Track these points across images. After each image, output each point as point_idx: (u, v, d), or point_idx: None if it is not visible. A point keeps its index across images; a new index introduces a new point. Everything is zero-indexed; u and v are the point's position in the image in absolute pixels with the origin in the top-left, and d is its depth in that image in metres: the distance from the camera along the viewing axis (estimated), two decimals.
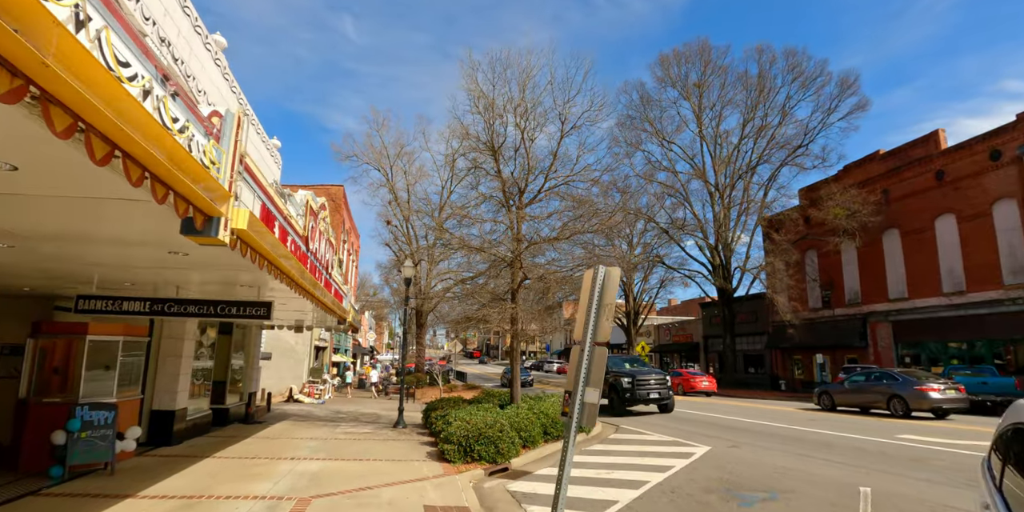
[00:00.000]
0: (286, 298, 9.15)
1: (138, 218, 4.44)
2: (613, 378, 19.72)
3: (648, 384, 19.64)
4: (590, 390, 4.17)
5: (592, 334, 4.27)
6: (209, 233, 3.87)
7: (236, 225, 4.24)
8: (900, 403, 18.55)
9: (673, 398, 20.54)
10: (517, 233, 15.39)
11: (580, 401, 4.23)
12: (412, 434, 14.40)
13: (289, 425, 15.89)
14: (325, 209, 9.52)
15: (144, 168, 2.94)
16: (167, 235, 4.61)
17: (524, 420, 11.92)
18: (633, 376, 19.67)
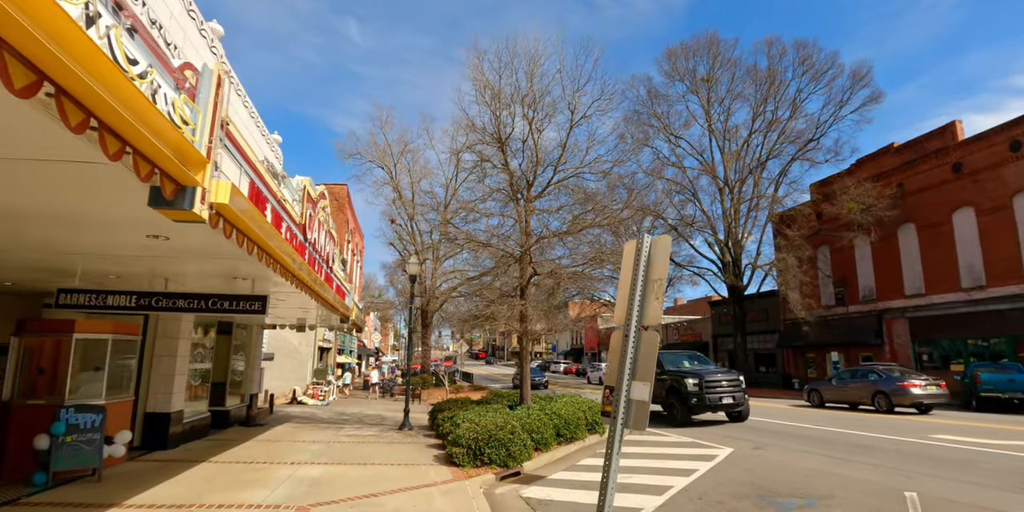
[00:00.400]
0: (284, 293, 8.62)
1: (102, 190, 3.85)
2: (672, 379, 16.25)
3: (719, 386, 15.75)
4: (638, 385, 3.46)
5: (638, 316, 3.60)
6: (182, 205, 3.31)
7: (216, 199, 3.69)
8: (884, 399, 19.33)
9: (748, 404, 16.64)
10: (526, 227, 14.82)
11: (626, 398, 3.55)
12: (418, 436, 13.83)
13: (291, 427, 15.35)
14: (325, 198, 8.98)
15: (90, 113, 2.38)
16: (138, 212, 4.01)
17: (536, 421, 11.34)
18: (700, 376, 15.82)
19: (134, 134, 2.66)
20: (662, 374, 16.29)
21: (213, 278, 7.51)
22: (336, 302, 10.45)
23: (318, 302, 9.59)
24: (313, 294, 8.59)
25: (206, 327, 13.40)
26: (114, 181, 3.51)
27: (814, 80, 32.76)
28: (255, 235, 4.80)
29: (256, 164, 4.84)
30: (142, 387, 10.96)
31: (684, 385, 15.82)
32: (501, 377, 56.23)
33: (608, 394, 3.75)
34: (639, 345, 3.66)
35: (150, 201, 3.28)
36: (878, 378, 19.97)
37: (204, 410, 13.30)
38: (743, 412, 16.32)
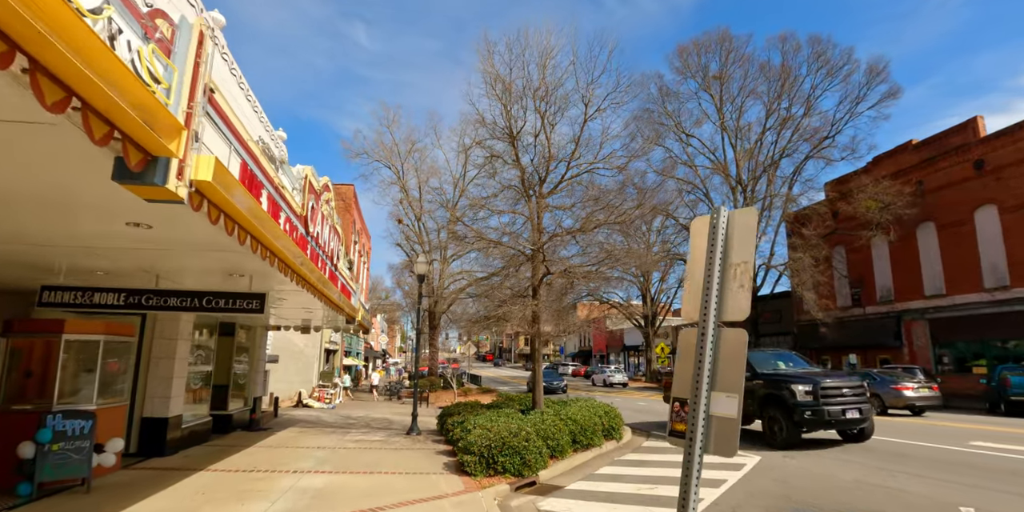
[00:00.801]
0: (284, 291, 8.10)
1: (57, 160, 3.26)
2: (768, 386, 12.75)
3: (840, 395, 12.08)
4: (720, 397, 2.74)
5: (716, 309, 2.96)
6: (152, 179, 2.78)
7: (197, 176, 3.15)
8: (877, 401, 19.29)
9: (873, 419, 12.94)
10: (538, 224, 14.26)
11: (705, 413, 2.83)
12: (427, 442, 13.28)
13: (296, 432, 14.83)
14: (329, 191, 8.44)
15: (14, 45, 1.84)
16: (107, 192, 3.42)
17: (551, 427, 10.76)
18: (813, 381, 12.13)
19: (82, 81, 2.13)
20: (753, 379, 13.04)
21: (208, 275, 7.00)
22: (341, 302, 9.92)
23: (322, 302, 9.07)
24: (316, 293, 8.06)
25: (207, 328, 12.92)
26: (69, 149, 2.96)
27: (829, 76, 32.08)
28: (248, 223, 4.27)
29: (249, 143, 4.31)
30: (138, 391, 10.47)
31: (791, 393, 12.08)
32: (509, 380, 55.65)
33: (678, 408, 3.02)
34: (719, 346, 2.96)
35: (114, 174, 2.75)
36: (872, 381, 20.00)
37: (205, 414, 12.80)
38: (867, 429, 12.60)
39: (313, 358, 28.20)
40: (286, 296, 8.53)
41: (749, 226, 2.94)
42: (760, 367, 13.61)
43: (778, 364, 14.25)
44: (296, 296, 9.35)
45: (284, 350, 26.76)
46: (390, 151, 34.77)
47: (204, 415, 12.69)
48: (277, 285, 7.49)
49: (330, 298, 8.93)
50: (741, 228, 2.93)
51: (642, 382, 49.85)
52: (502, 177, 15.26)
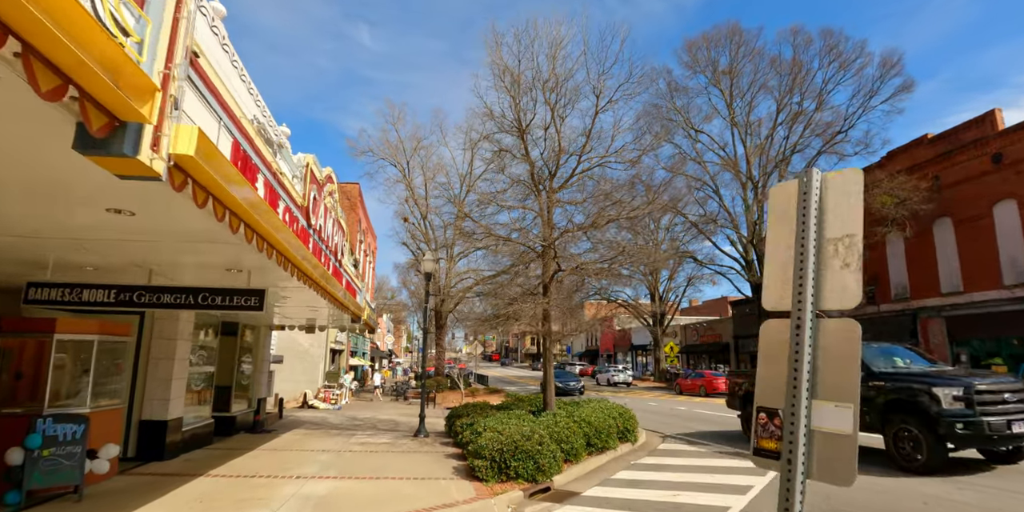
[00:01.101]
0: (287, 288, 7.70)
1: (6, 123, 2.78)
2: (896, 390, 9.92)
3: (1002, 402, 9.22)
4: (826, 407, 2.14)
5: (813, 294, 2.40)
6: (120, 148, 2.37)
7: (176, 149, 2.74)
8: None
9: None
10: (548, 220, 13.84)
11: (806, 428, 2.20)
12: (435, 444, 12.87)
13: (300, 434, 14.45)
14: (333, 182, 8.03)
15: None
16: (71, 165, 2.95)
17: (564, 430, 10.33)
18: (965, 385, 9.28)
19: (21, 16, 1.71)
20: (868, 380, 10.46)
21: (204, 270, 6.59)
22: (346, 300, 9.52)
23: (326, 300, 8.67)
24: (319, 290, 7.66)
25: (209, 328, 12.55)
26: (18, 109, 2.52)
27: (842, 70, 31.46)
28: (240, 208, 3.86)
29: (242, 121, 3.91)
30: (137, 393, 10.10)
31: (933, 399, 9.29)
32: (516, 379, 55.22)
33: (765, 420, 2.40)
34: (819, 341, 2.37)
35: (76, 142, 2.35)
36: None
37: (207, 416, 12.43)
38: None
39: (319, 358, 27.87)
40: (288, 293, 8.13)
41: (851, 191, 2.40)
42: (875, 364, 10.75)
43: (894, 360, 11.31)
44: (299, 294, 8.97)
45: (289, 350, 26.43)
46: (395, 149, 34.43)
47: (206, 417, 12.32)
48: (278, 282, 7.09)
49: (334, 296, 8.52)
50: (840, 194, 2.40)
51: (651, 381, 49.37)
52: (511, 172, 14.86)
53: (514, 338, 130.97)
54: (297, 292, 8.52)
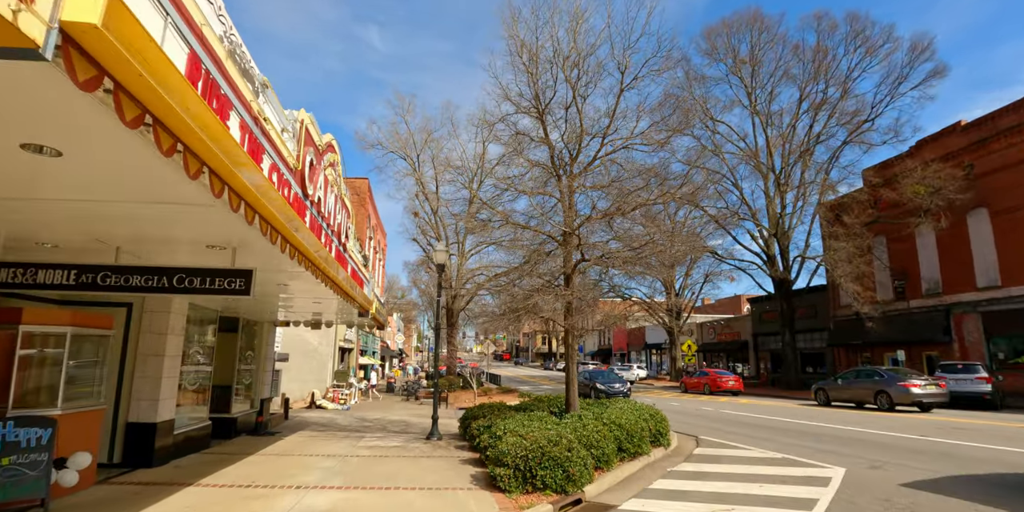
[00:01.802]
0: (282, 273, 6.74)
1: None
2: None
3: None
4: None
5: None
6: None
7: (70, 14, 1.74)
8: (885, 397, 20.37)
9: None
10: (570, 206, 12.81)
11: None
12: (449, 448, 11.90)
13: (305, 437, 13.52)
14: (335, 152, 7.06)
15: None
16: None
17: (594, 434, 9.30)
18: None
19: None
20: None
21: (177, 247, 5.61)
22: (352, 290, 8.55)
23: (329, 287, 7.70)
24: (319, 274, 6.68)
25: (206, 323, 11.64)
26: None
27: (868, 55, 30.18)
28: (197, 141, 2.86)
29: (204, 31, 2.93)
30: (123, 393, 9.20)
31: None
32: (528, 379, 54.19)
33: None
34: None
35: None
36: (881, 378, 21.04)
37: (204, 418, 11.52)
38: None
39: (327, 357, 26.99)
40: (284, 279, 7.18)
41: None
42: None
43: None
44: (298, 282, 8.00)
45: (296, 348, 25.57)
46: (405, 142, 33.51)
47: (202, 419, 11.41)
48: (270, 263, 6.12)
49: (337, 283, 7.55)
50: None
51: (667, 381, 48.18)
52: (529, 156, 13.80)
53: (525, 337, 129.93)
54: (296, 280, 7.56)
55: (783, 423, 16.30)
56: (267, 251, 5.42)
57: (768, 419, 17.47)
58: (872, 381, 21.38)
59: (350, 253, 8.55)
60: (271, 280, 7.17)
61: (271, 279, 7.15)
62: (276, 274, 6.52)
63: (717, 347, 49.02)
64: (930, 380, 20.24)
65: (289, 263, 5.69)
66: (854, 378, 22.61)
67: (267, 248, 5.23)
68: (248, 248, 5.43)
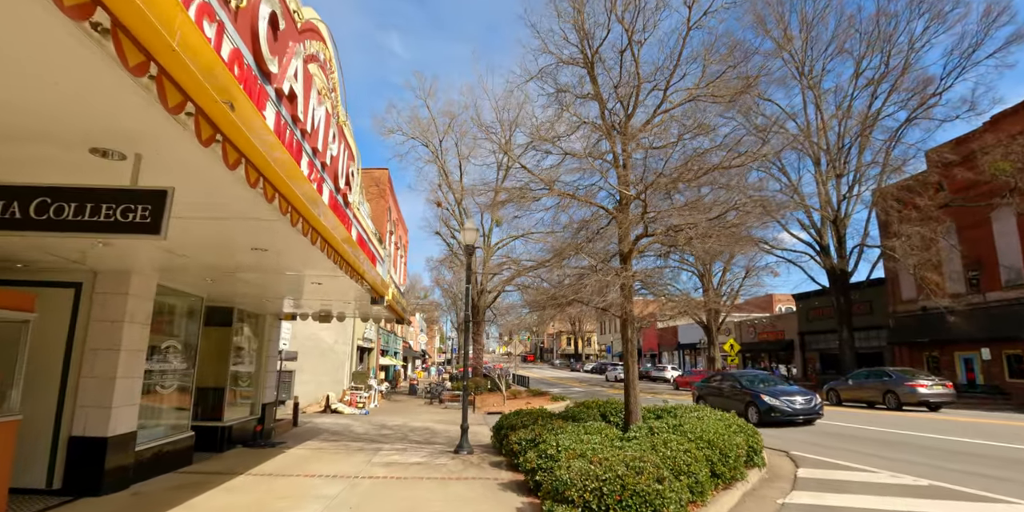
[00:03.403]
0: (240, 219, 4.51)
1: None
2: None
3: None
4: None
5: None
6: None
7: None
8: (893, 397, 20.93)
9: None
10: (625, 171, 10.49)
11: None
12: (483, 465, 9.65)
13: (312, 449, 11.39)
14: (322, 40, 4.83)
15: None
16: None
17: (680, 455, 6.95)
18: None
19: None
20: None
21: (39, 144, 3.39)
22: (356, 259, 6.32)
23: (323, 250, 5.48)
24: (304, 224, 4.45)
25: (185, 310, 9.55)
26: None
27: (935, 22, 27.23)
28: None
29: None
30: (67, 398, 7.11)
31: None
32: (556, 381, 51.76)
33: None
34: None
35: None
36: (889, 379, 21.59)
37: (184, 427, 9.42)
38: None
39: (345, 356, 24.96)
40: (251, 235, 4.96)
41: None
42: None
43: None
44: (274, 238, 5.76)
45: (311, 347, 23.60)
46: (426, 127, 31.42)
47: (182, 429, 9.31)
48: (218, 192, 3.92)
49: (335, 245, 5.32)
50: None
51: None
52: (574, 114, 11.46)
53: (549, 338, 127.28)
54: (271, 237, 5.33)
55: (863, 432, 13.72)
56: (201, 165, 3.20)
57: (845, 426, 14.90)
58: (881, 381, 21.96)
59: (354, 211, 6.35)
60: (230, 233, 4.93)
61: (229, 233, 4.91)
62: (236, 222, 4.36)
63: (758, 347, 46.05)
64: (936, 380, 20.69)
65: (247, 193, 3.48)
66: (864, 378, 23.10)
67: (198, 158, 3.01)
68: (162, 156, 3.18)
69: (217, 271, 7.13)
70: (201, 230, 4.79)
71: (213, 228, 4.62)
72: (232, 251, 5.64)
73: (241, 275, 7.48)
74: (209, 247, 5.67)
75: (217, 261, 6.40)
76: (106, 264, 7.14)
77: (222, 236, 4.95)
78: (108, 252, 5.91)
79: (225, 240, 5.14)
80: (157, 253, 6.11)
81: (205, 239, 5.26)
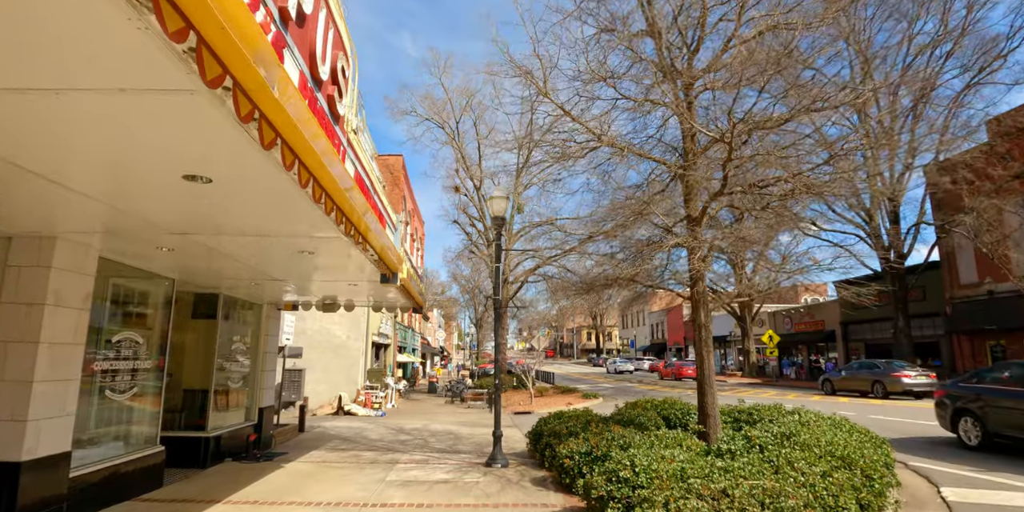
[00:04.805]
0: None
1: None
2: None
3: None
4: None
5: None
6: None
7: None
8: (880, 387, 22.43)
9: None
10: (690, 110, 8.40)
11: None
12: (524, 482, 7.67)
13: (316, 463, 9.49)
14: None
15: None
16: None
17: (816, 479, 4.88)
18: None
19: None
20: None
21: None
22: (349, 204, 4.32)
23: (310, 191, 3.48)
24: (261, 121, 2.37)
25: (148, 296, 7.64)
26: None
27: None
28: None
29: None
30: None
31: None
32: (581, 377, 49.66)
33: None
34: None
35: None
36: (878, 369, 23.20)
37: (150, 440, 7.51)
38: None
39: (359, 353, 23.11)
40: (180, 140, 2.99)
41: None
42: None
43: None
44: (218, 149, 3.74)
45: (322, 343, 21.79)
46: (441, 107, 29.40)
47: (146, 443, 7.40)
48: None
49: (314, 166, 3.29)
50: None
51: (739, 377, 42.94)
52: (628, 47, 9.31)
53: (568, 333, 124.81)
54: (211, 147, 3.33)
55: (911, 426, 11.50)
56: None
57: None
58: (871, 372, 23.50)
59: (347, 134, 4.34)
60: (132, 131, 2.96)
61: (129, 129, 2.94)
62: (134, 99, 2.44)
63: (794, 338, 43.45)
64: (920, 371, 22.12)
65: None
66: (856, 369, 24.87)
67: None
68: None
69: (159, 230, 5.17)
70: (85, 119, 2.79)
71: (96, 107, 2.62)
72: (145, 175, 3.60)
73: (197, 238, 5.51)
74: (104, 164, 3.63)
75: (141, 205, 4.41)
76: (20, 224, 5.23)
77: (116, 131, 2.95)
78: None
79: (126, 146, 3.14)
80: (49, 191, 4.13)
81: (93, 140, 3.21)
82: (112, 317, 6.78)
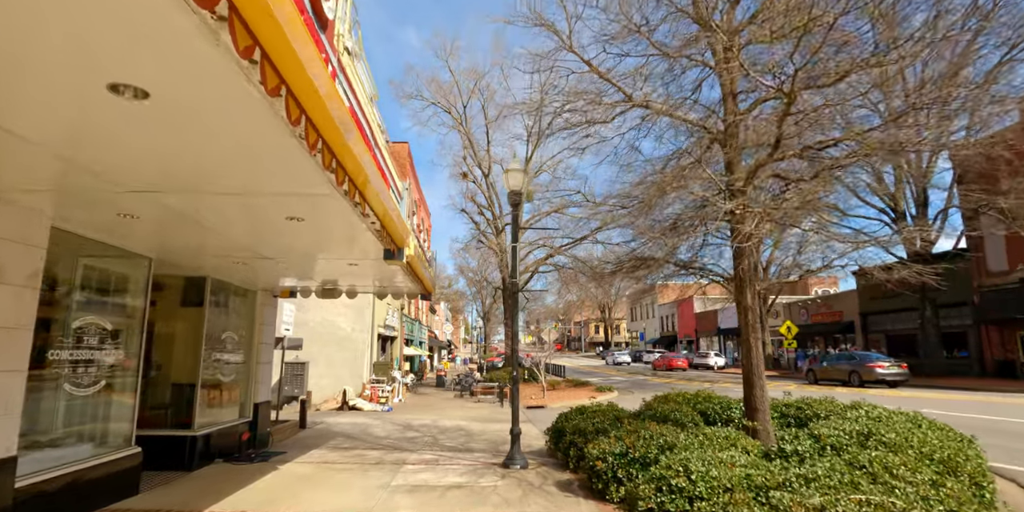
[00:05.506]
0: None
1: None
2: None
3: None
4: None
5: None
6: None
7: None
8: (856, 376, 23.77)
9: None
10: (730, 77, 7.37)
11: None
12: (547, 486, 6.74)
13: (315, 463, 8.58)
14: None
15: None
16: None
17: (926, 489, 3.90)
18: None
19: None
20: None
21: None
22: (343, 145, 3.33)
23: (289, 115, 2.50)
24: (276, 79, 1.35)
25: (119, 276, 6.71)
26: None
27: None
28: None
29: None
30: None
31: None
32: (592, 370, 48.71)
33: None
34: None
35: None
36: (854, 360, 24.63)
37: (124, 440, 6.61)
38: None
39: (364, 345, 22.20)
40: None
41: None
42: None
43: None
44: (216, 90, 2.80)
45: (326, 335, 20.89)
46: (448, 90, 28.36)
47: (118, 443, 6.49)
48: None
49: (296, 82, 2.27)
50: None
51: None
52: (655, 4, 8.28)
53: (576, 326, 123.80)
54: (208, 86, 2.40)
55: None
56: None
57: (998, 420, 11.70)
58: (848, 363, 24.81)
59: (338, 53, 3.36)
60: None
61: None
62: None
63: (811, 329, 42.33)
64: (893, 362, 23.24)
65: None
66: (836, 360, 26.33)
67: None
68: None
69: (111, 182, 4.20)
70: None
71: None
72: (59, 77, 2.65)
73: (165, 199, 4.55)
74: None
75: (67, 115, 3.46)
76: None
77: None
78: None
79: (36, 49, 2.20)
80: None
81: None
82: (74, 300, 5.86)
